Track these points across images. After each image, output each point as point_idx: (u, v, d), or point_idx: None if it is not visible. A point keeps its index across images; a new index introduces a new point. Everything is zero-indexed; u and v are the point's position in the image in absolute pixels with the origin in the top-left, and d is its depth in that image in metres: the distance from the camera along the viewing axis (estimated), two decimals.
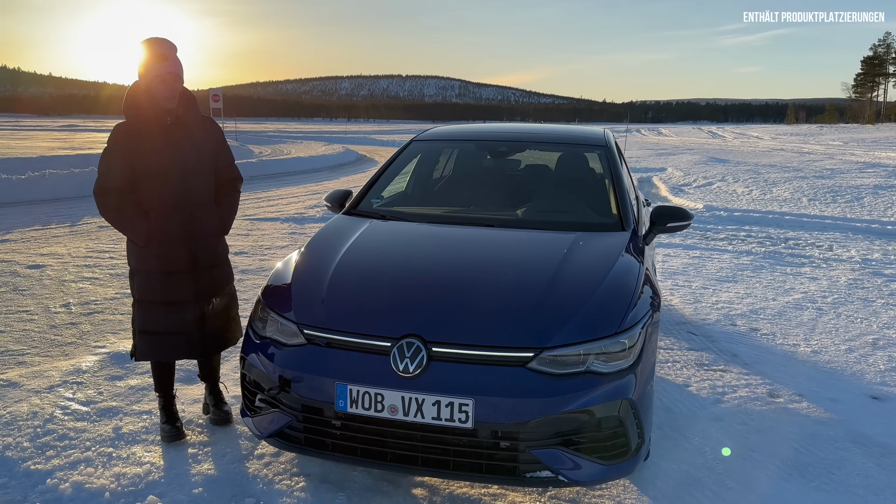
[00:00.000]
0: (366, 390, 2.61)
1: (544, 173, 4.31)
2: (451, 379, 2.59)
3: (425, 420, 2.57)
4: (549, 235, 3.40)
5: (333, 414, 2.69)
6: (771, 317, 5.66)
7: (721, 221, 10.92)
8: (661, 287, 6.39)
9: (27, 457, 3.11)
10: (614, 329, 2.72)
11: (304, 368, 2.75)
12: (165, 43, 3.14)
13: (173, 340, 3.21)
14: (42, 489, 2.86)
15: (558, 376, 2.60)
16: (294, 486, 2.94)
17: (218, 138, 3.41)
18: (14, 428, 3.36)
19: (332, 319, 2.81)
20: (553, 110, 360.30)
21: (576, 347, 2.64)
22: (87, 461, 3.09)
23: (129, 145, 3.11)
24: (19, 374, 4.07)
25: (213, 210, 3.32)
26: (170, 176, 3.15)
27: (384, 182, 4.17)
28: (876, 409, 3.93)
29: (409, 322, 2.72)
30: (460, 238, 3.43)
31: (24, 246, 8.03)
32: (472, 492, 2.95)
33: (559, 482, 2.61)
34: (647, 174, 19.35)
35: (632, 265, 3.16)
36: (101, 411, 3.59)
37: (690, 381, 4.25)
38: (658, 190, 15.87)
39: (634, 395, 2.69)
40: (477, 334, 2.66)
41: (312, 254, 3.28)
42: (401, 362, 2.61)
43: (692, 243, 9.01)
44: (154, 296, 3.20)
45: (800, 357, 4.73)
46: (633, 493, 2.98)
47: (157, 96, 3.11)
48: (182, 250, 3.18)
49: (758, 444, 3.45)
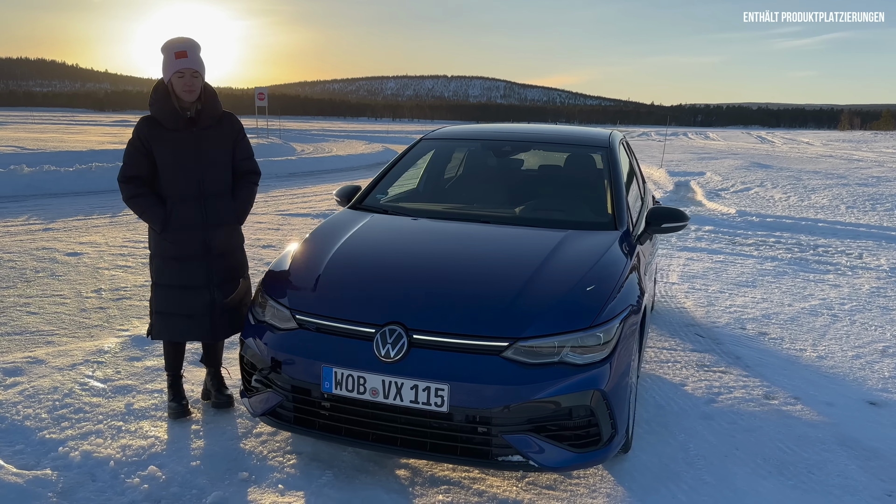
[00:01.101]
0: (349, 373, 2.77)
1: (545, 173, 4.42)
2: (429, 365, 2.73)
3: (404, 403, 2.72)
4: (541, 232, 3.51)
5: (320, 395, 2.85)
6: (783, 322, 5.65)
7: (752, 227, 10.81)
8: (676, 290, 6.44)
9: (43, 426, 3.35)
10: (589, 322, 2.82)
11: (294, 351, 2.92)
12: (186, 41, 3.34)
13: (186, 322, 3.41)
14: (54, 456, 3.08)
15: (532, 365, 2.71)
16: (285, 463, 3.11)
17: (237, 133, 3.56)
18: (35, 401, 3.61)
19: (322, 306, 2.98)
20: (599, 112, 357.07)
21: (550, 339, 2.76)
22: (98, 433, 3.31)
23: (150, 137, 3.33)
24: (46, 352, 4.34)
25: (228, 201, 3.49)
26: (187, 167, 3.35)
27: (391, 178, 4.33)
28: (871, 414, 3.94)
29: (393, 310, 2.87)
30: (454, 233, 3.56)
31: (66, 234, 8.42)
32: (454, 475, 3.08)
33: (530, 466, 2.73)
34: (685, 178, 19.15)
35: (616, 262, 3.25)
36: (117, 388, 3.82)
37: (688, 380, 4.30)
38: (694, 194, 15.72)
39: (607, 386, 2.79)
40: (456, 323, 2.80)
41: (311, 244, 3.46)
42: (383, 348, 2.76)
43: (718, 248, 8.96)
44: (169, 279, 3.41)
45: (803, 361, 4.74)
46: (609, 483, 3.07)
47: (177, 90, 3.31)
48: (196, 238, 3.38)
49: (742, 442, 3.50)
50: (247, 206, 3.61)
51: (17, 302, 5.49)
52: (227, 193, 3.51)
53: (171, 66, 3.30)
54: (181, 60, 3.30)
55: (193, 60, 3.32)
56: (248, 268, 3.68)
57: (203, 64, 3.39)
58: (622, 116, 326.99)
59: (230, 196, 3.52)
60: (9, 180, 12.72)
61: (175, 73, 3.30)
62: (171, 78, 3.31)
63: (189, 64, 3.30)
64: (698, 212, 12.25)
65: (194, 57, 3.34)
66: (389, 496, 2.88)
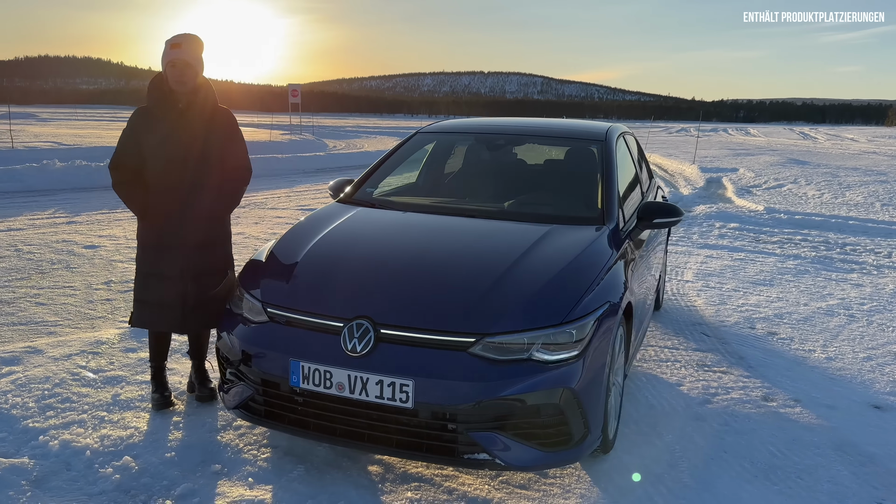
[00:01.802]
0: (316, 367, 2.75)
1: (539, 167, 4.34)
2: (396, 360, 2.69)
3: (369, 398, 2.69)
4: (525, 227, 3.44)
5: (289, 389, 2.83)
6: (795, 321, 5.47)
7: (779, 224, 10.52)
8: (689, 288, 6.30)
9: (29, 415, 3.40)
10: (560, 319, 2.75)
11: (264, 344, 2.91)
12: (185, 34, 3.38)
13: (157, 311, 3.43)
14: (34, 444, 3.12)
15: (499, 362, 2.66)
16: (259, 456, 3.11)
17: (230, 129, 3.56)
18: (25, 389, 3.67)
19: (292, 299, 2.96)
20: (637, 108, 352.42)
21: (519, 335, 2.70)
22: (81, 423, 3.35)
23: (142, 127, 3.39)
24: (46, 342, 4.42)
25: (211, 195, 3.48)
26: (171, 158, 3.37)
27: (383, 172, 4.30)
28: (874, 418, 3.79)
29: (361, 304, 2.84)
30: (435, 227, 3.51)
31: (87, 227, 8.59)
32: (427, 472, 3.04)
33: (496, 465, 2.67)
34: (717, 174, 18.71)
35: (597, 258, 3.17)
36: (107, 379, 3.86)
37: (685, 380, 4.19)
38: (725, 191, 15.39)
39: (578, 385, 2.72)
40: (423, 319, 2.75)
41: (290, 238, 3.44)
42: (350, 342, 2.73)
43: (740, 245, 8.75)
44: (146, 267, 3.45)
45: (810, 363, 4.58)
46: (585, 483, 3.00)
47: (170, 80, 3.34)
48: (174, 227, 3.39)
49: (732, 445, 3.39)
50: (232, 202, 3.60)
51: (29, 293, 5.60)
52: (212, 187, 3.50)
53: (166, 55, 3.35)
54: (175, 51, 3.34)
55: (186, 52, 3.35)
56: (233, 263, 3.68)
57: (198, 58, 3.40)
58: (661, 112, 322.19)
59: (215, 190, 3.51)
60: (41, 175, 13.03)
61: (168, 63, 3.34)
62: (166, 68, 3.35)
63: (181, 55, 3.33)
64: (726, 208, 11.96)
65: (188, 49, 3.36)
66: (358, 492, 2.86)
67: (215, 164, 3.51)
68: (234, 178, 3.60)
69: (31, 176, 12.89)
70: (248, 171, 3.66)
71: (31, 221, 8.92)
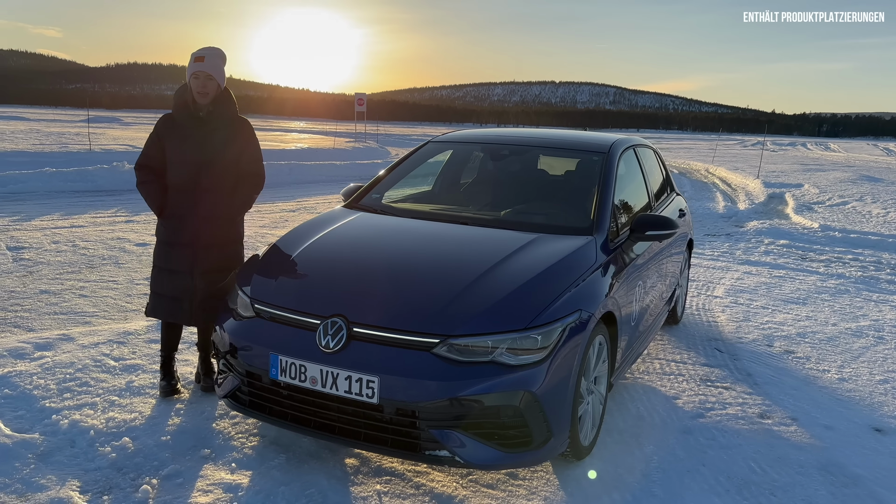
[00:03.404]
0: (292, 361, 2.92)
1: (541, 177, 4.41)
2: (364, 357, 2.83)
3: (339, 393, 2.84)
4: (512, 235, 3.53)
5: (269, 381, 3.01)
6: (818, 341, 5.35)
7: (832, 242, 10.19)
8: (716, 304, 6.23)
9: (48, 396, 3.69)
10: (524, 324, 2.84)
11: (249, 338, 3.10)
12: (209, 48, 3.64)
13: (172, 303, 3.69)
14: (46, 422, 3.40)
15: (462, 363, 2.77)
16: (246, 444, 3.30)
17: (247, 137, 3.80)
18: (50, 372, 3.98)
19: (277, 296, 3.15)
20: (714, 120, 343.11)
21: (483, 338, 2.80)
22: (92, 405, 3.62)
23: (165, 132, 3.68)
24: (80, 331, 4.75)
25: (224, 198, 3.72)
26: (190, 162, 3.63)
27: (393, 179, 4.45)
28: (871, 440, 3.70)
29: (338, 303, 3.00)
30: (426, 233, 3.64)
31: (143, 227, 9.08)
32: (401, 467, 3.17)
33: (455, 462, 2.78)
34: (780, 189, 18.19)
35: (575, 267, 3.23)
36: (126, 367, 4.14)
37: (683, 394, 4.18)
38: (785, 206, 14.98)
39: (540, 389, 2.79)
40: (393, 318, 2.89)
41: (287, 239, 3.64)
42: (324, 338, 2.89)
43: (783, 262, 8.54)
44: (160, 262, 3.73)
45: (820, 383, 4.49)
46: (552, 487, 3.07)
47: (193, 91, 3.61)
48: (187, 227, 3.64)
49: (713, 459, 3.39)
50: (243, 206, 3.82)
51: (75, 285, 6.01)
52: (225, 191, 3.73)
53: (190, 68, 3.62)
54: (198, 64, 3.59)
55: (209, 65, 3.60)
56: (241, 263, 3.89)
57: (220, 70, 3.66)
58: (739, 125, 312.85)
59: (228, 193, 3.74)
60: (111, 176, 13.79)
61: (192, 75, 3.60)
62: (189, 79, 3.61)
63: (204, 68, 3.58)
64: (779, 225, 11.65)
65: (211, 62, 3.61)
66: (329, 482, 3.01)
67: (230, 169, 3.74)
68: (248, 183, 3.82)
69: (102, 177, 13.66)
70: (261, 178, 3.88)
71: (93, 219, 9.49)
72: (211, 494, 2.89)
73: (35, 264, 6.72)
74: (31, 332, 4.73)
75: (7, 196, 11.41)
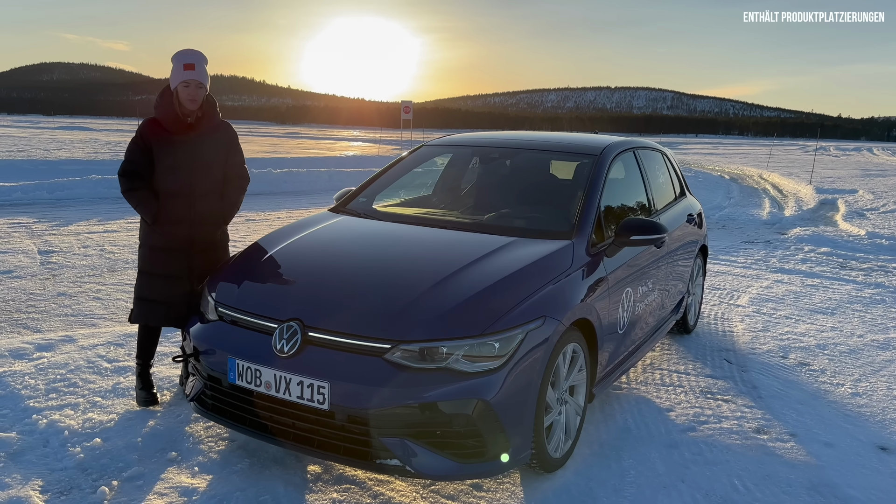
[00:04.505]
0: (248, 365, 2.89)
1: (528, 180, 4.28)
2: (317, 362, 2.78)
3: (292, 398, 2.80)
4: (487, 239, 3.44)
5: (228, 385, 3.00)
6: (837, 353, 5.07)
7: (877, 251, 9.71)
8: (736, 313, 6.01)
9: (33, 395, 3.76)
10: (480, 330, 2.75)
11: (211, 341, 3.10)
12: (195, 53, 3.64)
13: (163, 309, 3.69)
14: (26, 422, 3.46)
15: (413, 369, 2.69)
16: (214, 448, 3.29)
17: (231, 141, 3.84)
18: (42, 373, 4.06)
19: (238, 299, 3.13)
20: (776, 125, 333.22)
21: (436, 343, 2.72)
22: (74, 406, 3.67)
23: (150, 137, 3.66)
24: (83, 332, 4.85)
25: (215, 202, 3.76)
26: (180, 168, 3.65)
27: (383, 183, 4.41)
28: (873, 459, 3.46)
29: (295, 307, 2.96)
30: (399, 237, 3.58)
31: None
32: (362, 475, 3.11)
33: (406, 472, 2.70)
34: (833, 196, 17.49)
35: (544, 271, 3.12)
36: (118, 369, 4.20)
37: (678, 406, 4.00)
38: (835, 213, 14.40)
39: (495, 398, 2.70)
40: (347, 323, 2.83)
41: (261, 242, 3.64)
42: (279, 342, 2.86)
43: (819, 271, 8.17)
44: (154, 268, 3.71)
45: (830, 397, 4.24)
46: (517, 499, 2.96)
47: (181, 98, 3.62)
48: (183, 232, 3.66)
49: (694, 475, 3.22)
50: (233, 208, 3.86)
51: (92, 288, 6.16)
52: (216, 195, 3.76)
53: (179, 76, 3.59)
54: (189, 72, 3.58)
55: (200, 73, 3.60)
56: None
57: (208, 76, 3.67)
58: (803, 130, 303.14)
59: (218, 197, 3.77)
60: None
61: (181, 83, 3.59)
62: (178, 87, 3.61)
63: (195, 76, 3.59)
64: (824, 232, 11.17)
65: (201, 70, 3.62)
66: (286, 489, 2.97)
67: (218, 172, 3.76)
68: (234, 186, 3.85)
69: None
70: (246, 180, 3.91)
71: (126, 225, 9.74)
72: (166, 498, 2.89)
73: (60, 268, 6.92)
74: (38, 334, 4.86)
75: (52, 202, 11.84)
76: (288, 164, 20.63)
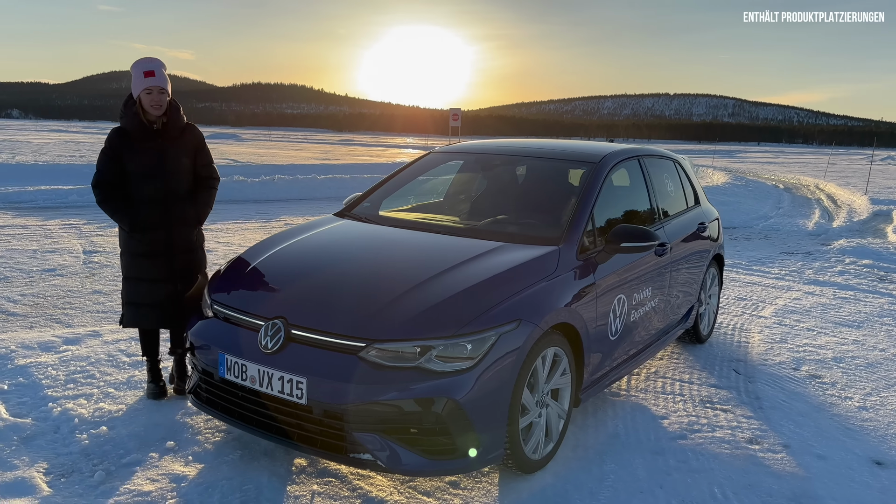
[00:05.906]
0: (236, 360, 3.05)
1: (526, 187, 4.35)
2: (297, 358, 2.92)
3: (273, 392, 2.94)
4: (475, 243, 3.52)
5: (219, 379, 3.16)
6: (854, 367, 4.96)
7: None
8: (757, 324, 5.94)
9: (53, 385, 4.01)
10: (452, 332, 2.84)
11: (205, 337, 3.27)
12: (153, 61, 3.74)
13: (151, 311, 3.85)
14: (42, 409, 3.70)
15: (386, 368, 2.80)
16: (209, 439, 3.46)
17: (198, 143, 3.93)
18: (64, 365, 4.32)
19: (231, 298, 3.30)
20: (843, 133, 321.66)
21: (408, 343, 2.82)
22: (88, 396, 3.90)
23: (120, 146, 3.73)
24: (110, 328, 5.12)
25: (189, 204, 3.87)
26: (153, 174, 3.74)
27: (389, 189, 4.54)
28: (864, 473, 3.41)
29: (281, 306, 3.11)
30: (390, 241, 3.69)
31: (212, 235, 9.61)
32: (346, 470, 3.22)
33: (377, 466, 2.81)
34: (889, 207, 16.89)
35: (525, 276, 3.19)
36: (134, 363, 4.43)
37: (673, 414, 4.00)
38: (888, 224, 13.91)
39: (465, 398, 2.78)
40: (326, 322, 2.97)
41: (263, 243, 3.80)
42: (264, 339, 3.01)
43: (855, 283, 7.95)
44: (138, 274, 3.83)
45: (835, 410, 4.16)
46: (490, 498, 3.03)
47: (145, 106, 3.70)
48: (161, 237, 3.78)
49: (673, 482, 3.23)
50: (206, 209, 3.96)
51: None
52: (189, 197, 3.87)
53: (140, 83, 3.67)
54: (149, 79, 3.67)
55: (160, 79, 3.69)
56: (206, 265, 4.05)
57: (168, 81, 3.77)
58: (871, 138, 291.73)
59: (191, 199, 3.88)
60: None
61: (143, 90, 3.67)
62: (140, 94, 3.69)
63: (156, 82, 3.67)
64: (870, 244, 10.82)
65: (161, 76, 3.71)
66: (269, 480, 3.11)
67: (190, 175, 3.88)
68: (205, 185, 3.96)
69: None
70: (216, 180, 4.02)
71: None
72: (156, 483, 3.06)
73: (101, 267, 7.27)
74: (68, 328, 5.14)
75: None
76: (335, 170, 21.06)
